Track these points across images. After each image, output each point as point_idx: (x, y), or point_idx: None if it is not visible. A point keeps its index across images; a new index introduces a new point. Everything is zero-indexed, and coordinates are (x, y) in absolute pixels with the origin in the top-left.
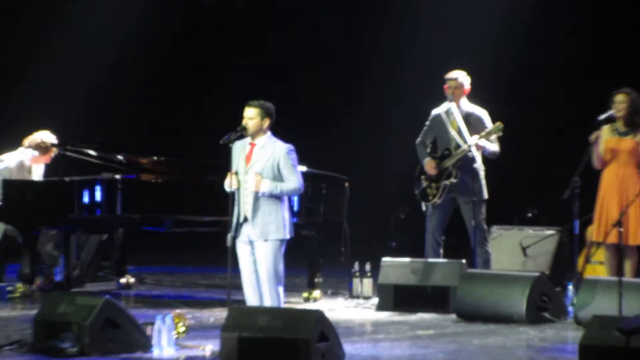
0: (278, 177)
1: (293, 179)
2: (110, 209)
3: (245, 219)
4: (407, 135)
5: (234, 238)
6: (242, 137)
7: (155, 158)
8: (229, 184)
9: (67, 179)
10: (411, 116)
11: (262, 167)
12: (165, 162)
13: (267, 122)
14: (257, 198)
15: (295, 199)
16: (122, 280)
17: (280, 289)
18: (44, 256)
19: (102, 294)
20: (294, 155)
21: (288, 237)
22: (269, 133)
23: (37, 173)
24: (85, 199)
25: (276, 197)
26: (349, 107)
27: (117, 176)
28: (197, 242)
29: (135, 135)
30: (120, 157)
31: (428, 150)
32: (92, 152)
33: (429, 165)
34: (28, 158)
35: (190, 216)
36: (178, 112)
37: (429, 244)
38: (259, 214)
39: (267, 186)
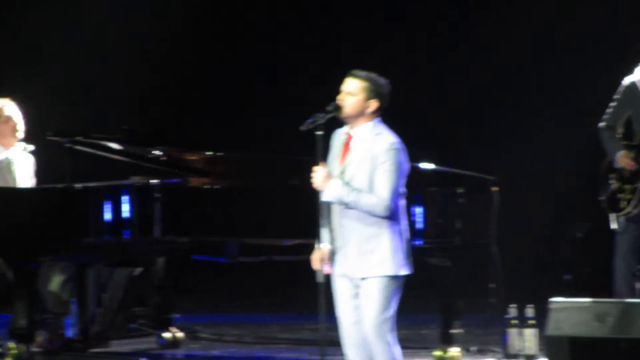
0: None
1: (380, 190)
2: (144, 229)
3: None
4: (587, 116)
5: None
6: (336, 121)
7: (209, 153)
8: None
9: (78, 185)
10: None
11: (355, 170)
12: (225, 160)
13: (373, 105)
14: (346, 213)
15: (419, 211)
16: (166, 335)
17: (397, 350)
18: (47, 301)
19: (135, 355)
20: (398, 156)
21: (403, 273)
22: (373, 121)
23: (25, 171)
24: (107, 215)
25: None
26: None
27: (154, 181)
28: (276, 277)
29: (179, 122)
30: (157, 152)
31: (619, 135)
32: (115, 146)
33: (624, 159)
34: None
35: (265, 239)
36: (248, 86)
37: (620, 275)
38: (352, 238)
39: (335, 189)
